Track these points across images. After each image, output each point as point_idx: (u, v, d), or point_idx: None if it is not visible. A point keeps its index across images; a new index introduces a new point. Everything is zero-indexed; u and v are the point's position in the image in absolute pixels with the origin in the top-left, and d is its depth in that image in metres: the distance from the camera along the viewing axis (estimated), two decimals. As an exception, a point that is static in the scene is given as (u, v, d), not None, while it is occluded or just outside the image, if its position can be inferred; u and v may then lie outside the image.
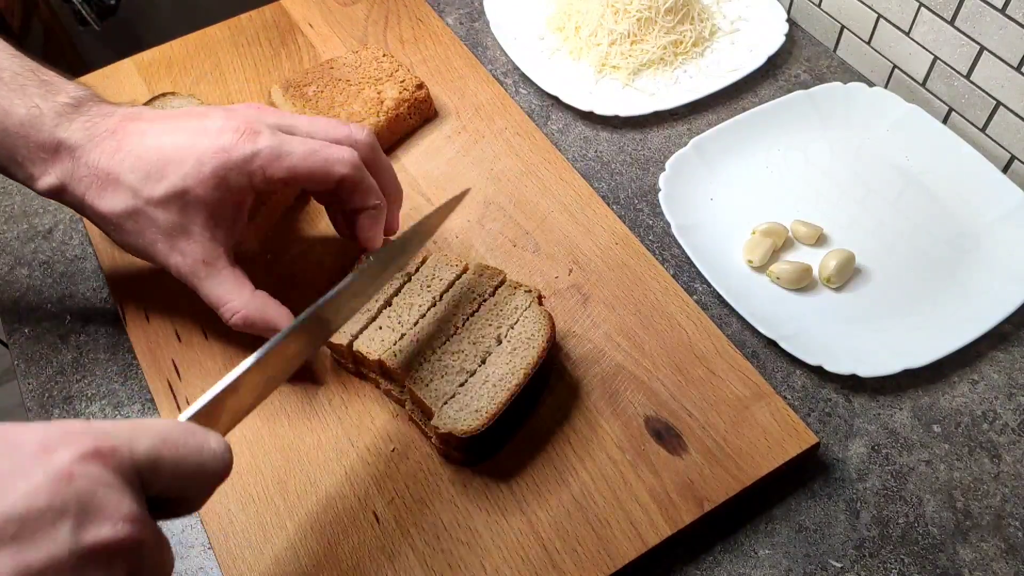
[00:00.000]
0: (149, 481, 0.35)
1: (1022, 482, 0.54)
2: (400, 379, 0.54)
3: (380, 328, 0.56)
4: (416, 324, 0.56)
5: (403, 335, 0.55)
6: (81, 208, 0.52)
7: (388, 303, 0.57)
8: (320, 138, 0.54)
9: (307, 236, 0.65)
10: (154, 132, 0.52)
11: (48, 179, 0.51)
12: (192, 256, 0.52)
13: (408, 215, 0.66)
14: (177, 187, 0.50)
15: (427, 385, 0.53)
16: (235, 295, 0.53)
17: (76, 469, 0.32)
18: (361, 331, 0.56)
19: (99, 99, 0.53)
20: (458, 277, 0.58)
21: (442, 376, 0.53)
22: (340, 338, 0.55)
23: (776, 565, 0.52)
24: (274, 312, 0.53)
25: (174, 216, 0.51)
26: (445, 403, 0.52)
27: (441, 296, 0.57)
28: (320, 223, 0.66)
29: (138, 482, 0.35)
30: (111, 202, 0.51)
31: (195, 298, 0.62)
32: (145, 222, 0.51)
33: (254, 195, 0.54)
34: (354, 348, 0.55)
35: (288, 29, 0.81)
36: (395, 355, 0.54)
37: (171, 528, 0.54)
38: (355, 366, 0.57)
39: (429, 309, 0.56)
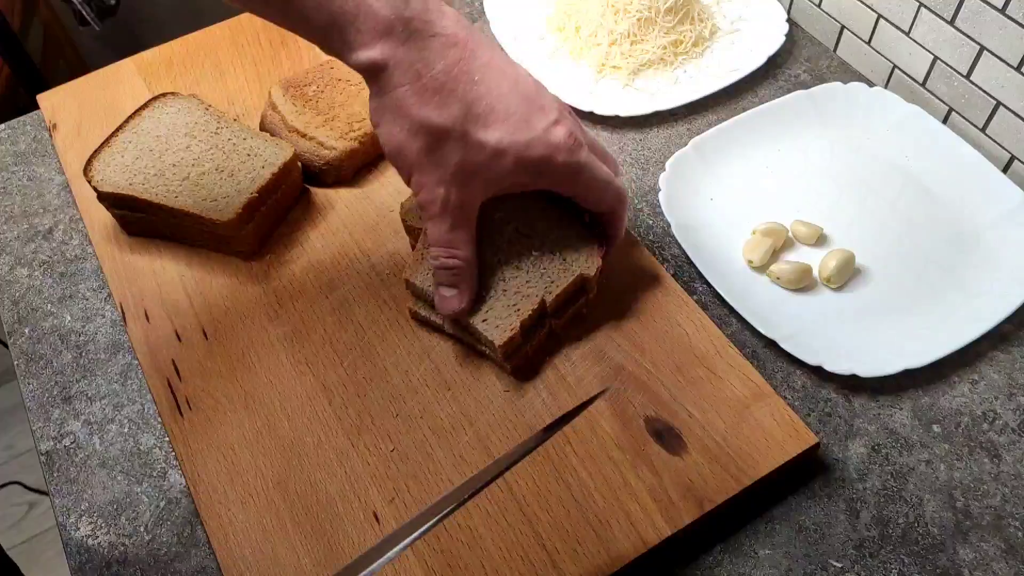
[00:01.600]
0: None
1: (1022, 482, 0.54)
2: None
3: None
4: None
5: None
6: (387, 92, 0.50)
7: None
8: (603, 162, 0.56)
9: (307, 236, 0.65)
10: (495, 75, 0.51)
11: (371, 52, 0.49)
12: (457, 199, 0.52)
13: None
14: (501, 145, 0.51)
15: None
16: (465, 246, 0.54)
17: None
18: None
19: None
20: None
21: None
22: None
23: (776, 565, 0.52)
24: (473, 282, 0.56)
25: (475, 162, 0.51)
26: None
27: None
28: (320, 223, 0.66)
29: None
30: (430, 111, 0.50)
31: (195, 298, 0.62)
32: (445, 147, 0.51)
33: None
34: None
35: (288, 29, 0.81)
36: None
37: (171, 529, 0.54)
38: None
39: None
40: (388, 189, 0.68)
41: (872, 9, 0.74)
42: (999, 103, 0.68)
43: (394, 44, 0.49)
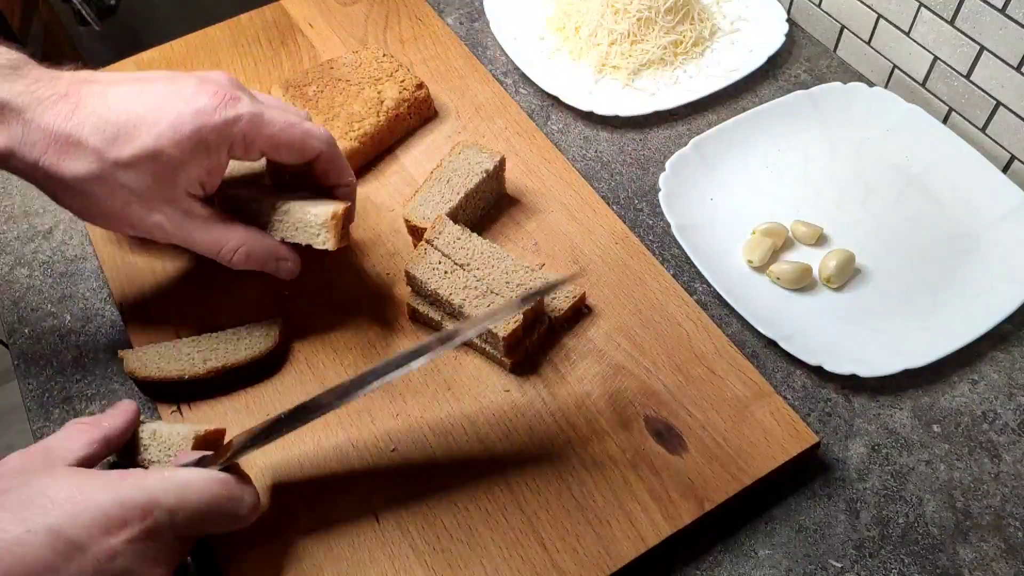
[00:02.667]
0: (187, 533, 0.43)
1: (1022, 482, 0.54)
2: None
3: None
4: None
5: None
6: (33, 173, 0.50)
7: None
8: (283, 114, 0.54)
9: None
10: (117, 93, 0.50)
11: None
12: (173, 214, 0.51)
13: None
14: (149, 148, 0.49)
15: None
16: (230, 235, 0.53)
17: (123, 549, 0.40)
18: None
19: (36, 63, 0.51)
20: None
21: None
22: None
23: (776, 565, 0.52)
24: (270, 246, 0.54)
25: (146, 177, 0.50)
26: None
27: None
28: (320, 223, 0.66)
29: (176, 543, 0.42)
30: (73, 166, 0.49)
31: (195, 298, 0.62)
32: (114, 185, 0.50)
33: (227, 159, 0.53)
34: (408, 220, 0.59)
35: (288, 29, 0.81)
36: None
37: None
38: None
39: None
40: (388, 189, 0.68)
41: (872, 9, 0.74)
42: (999, 103, 0.68)
43: (7, 128, 0.49)
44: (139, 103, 0.50)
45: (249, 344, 0.57)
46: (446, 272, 0.57)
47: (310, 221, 0.54)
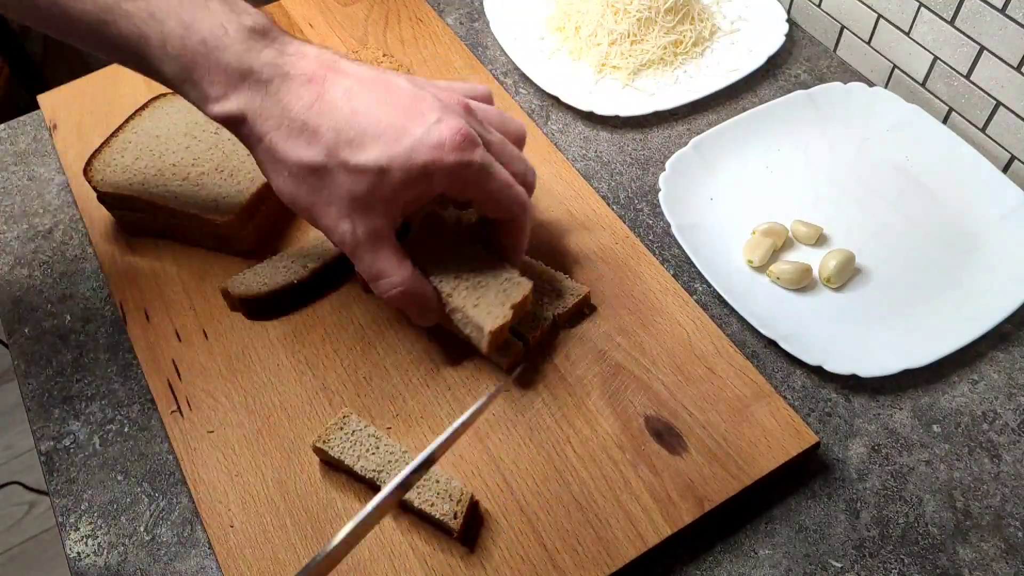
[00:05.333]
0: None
1: (1022, 482, 0.54)
2: None
3: None
4: None
5: None
6: (256, 143, 0.50)
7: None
8: (507, 166, 0.53)
9: (307, 236, 0.65)
10: (361, 96, 0.50)
11: (228, 104, 0.49)
12: (363, 228, 0.51)
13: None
14: (379, 163, 0.49)
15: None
16: (396, 270, 0.52)
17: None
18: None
19: (282, 30, 0.51)
20: None
21: None
22: None
23: (776, 565, 0.52)
24: (428, 289, 0.54)
25: (363, 188, 0.49)
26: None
27: None
28: (320, 223, 0.66)
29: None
30: (300, 151, 0.49)
31: (195, 298, 0.62)
32: (328, 182, 0.49)
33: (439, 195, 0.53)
34: None
35: (288, 29, 0.80)
36: None
37: (171, 529, 0.54)
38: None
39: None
40: (388, 189, 0.68)
41: (872, 9, 0.74)
42: (999, 103, 0.68)
43: (248, 95, 0.49)
44: (382, 116, 0.49)
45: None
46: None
47: (471, 318, 0.54)
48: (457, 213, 0.60)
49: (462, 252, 0.57)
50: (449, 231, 0.58)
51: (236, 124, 0.50)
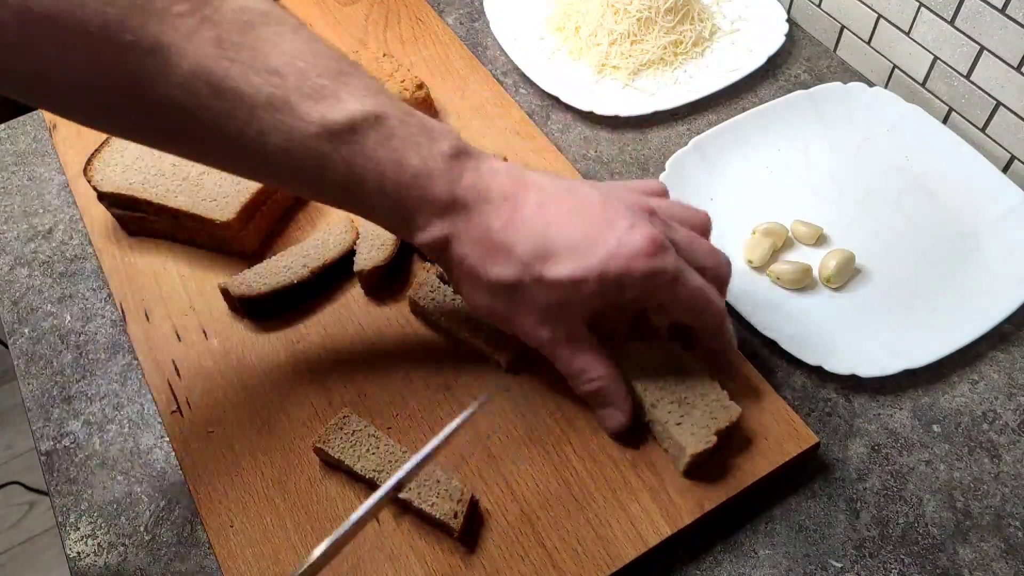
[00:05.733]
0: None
1: (1022, 482, 0.54)
2: None
3: None
4: None
5: None
6: (456, 264, 0.51)
7: None
8: (696, 264, 0.53)
9: (307, 236, 0.65)
10: (552, 209, 0.50)
11: (434, 231, 0.49)
12: (559, 332, 0.51)
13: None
14: (574, 276, 0.49)
15: None
16: (596, 367, 0.53)
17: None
18: None
19: (467, 145, 0.51)
20: None
21: None
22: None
23: (776, 565, 0.52)
24: (623, 391, 0.54)
25: (556, 298, 0.50)
26: None
27: None
28: (320, 223, 0.66)
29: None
30: (497, 270, 0.49)
31: (195, 298, 0.62)
32: (524, 295, 0.50)
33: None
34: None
35: (288, 29, 0.81)
36: None
37: (171, 529, 0.54)
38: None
39: None
40: (388, 189, 0.68)
41: (872, 9, 0.74)
42: (999, 103, 0.68)
43: (452, 220, 0.49)
44: (576, 228, 0.50)
45: (337, 241, 0.62)
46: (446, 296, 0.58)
47: (673, 435, 0.52)
48: (667, 319, 0.58)
49: (671, 363, 0.55)
50: (660, 338, 0.56)
51: (439, 247, 0.50)
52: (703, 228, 0.56)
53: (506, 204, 0.50)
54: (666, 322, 0.57)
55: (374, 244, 0.61)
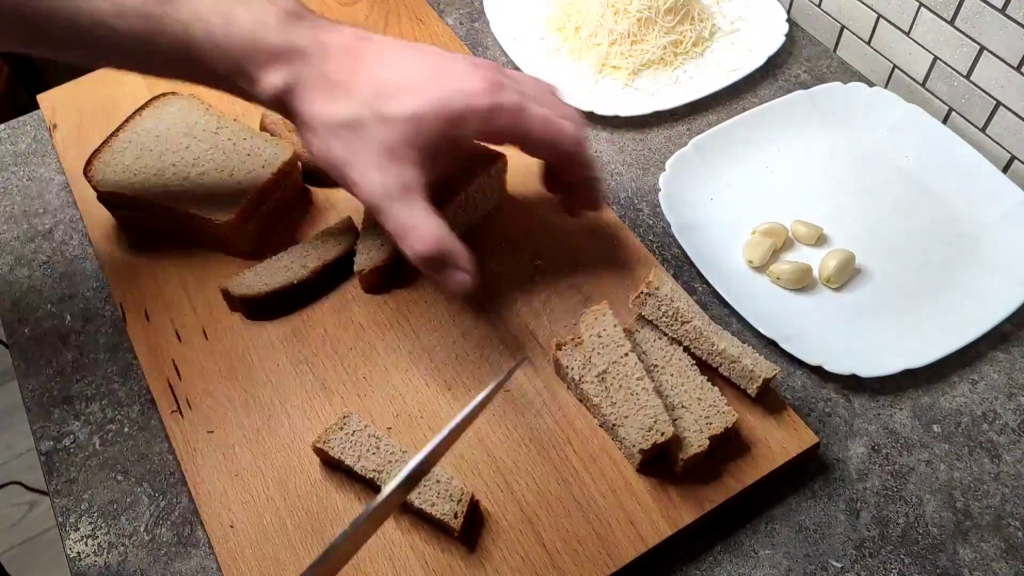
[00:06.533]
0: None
1: (1022, 482, 0.54)
2: None
3: None
4: None
5: None
6: (297, 111, 0.52)
7: None
8: (547, 107, 0.54)
9: (307, 236, 0.65)
10: (395, 57, 0.52)
11: (274, 80, 0.51)
12: (393, 178, 0.51)
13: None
14: (416, 111, 0.50)
15: None
16: (429, 224, 0.51)
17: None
18: None
19: (311, 11, 0.54)
20: None
21: None
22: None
23: (776, 565, 0.52)
24: (460, 248, 0.52)
25: (396, 136, 0.51)
26: None
27: None
28: (320, 223, 0.66)
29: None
30: (337, 107, 0.51)
31: (195, 298, 0.62)
32: (361, 134, 0.51)
33: (469, 145, 0.55)
34: None
35: (288, 29, 0.81)
36: None
37: (171, 529, 0.54)
38: None
39: None
40: (388, 189, 0.68)
41: (872, 9, 0.74)
42: (999, 103, 0.68)
43: (291, 68, 0.51)
44: (416, 70, 0.52)
45: (336, 242, 0.62)
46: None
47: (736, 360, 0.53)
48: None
49: (670, 365, 0.55)
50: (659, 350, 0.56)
51: (284, 99, 0.52)
52: (552, 92, 0.57)
53: (347, 56, 0.52)
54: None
55: (374, 244, 0.61)
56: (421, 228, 0.51)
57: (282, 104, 0.52)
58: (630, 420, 0.51)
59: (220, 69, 0.52)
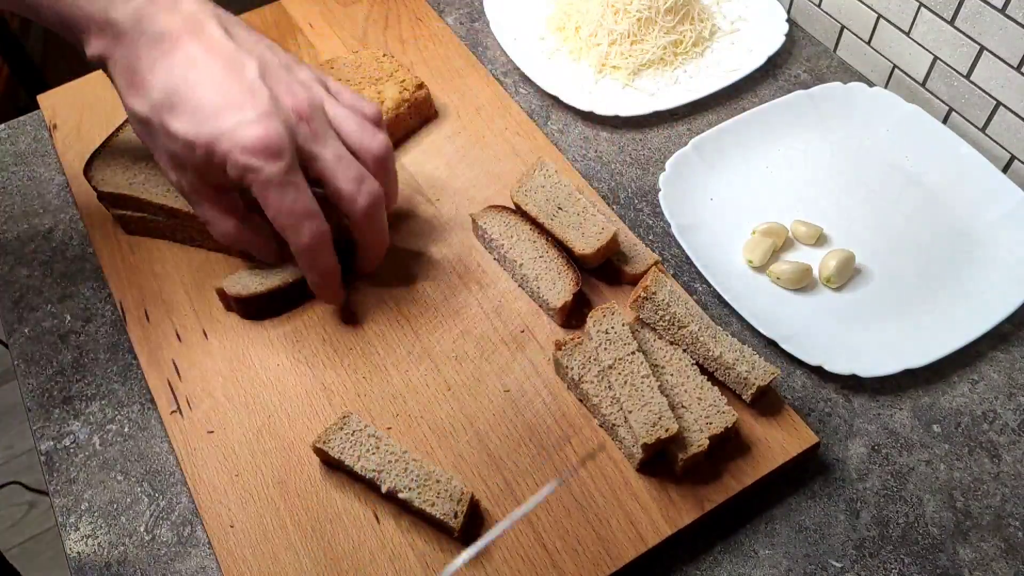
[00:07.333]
0: None
1: (1022, 482, 0.54)
2: None
3: None
4: None
5: None
6: (115, 85, 0.54)
7: None
8: (347, 141, 0.55)
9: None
10: (200, 68, 0.52)
11: (92, 50, 0.53)
12: (186, 182, 0.54)
13: (409, 215, 0.66)
14: (187, 137, 0.51)
15: None
16: (220, 223, 0.56)
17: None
18: None
19: None
20: None
21: None
22: None
23: (776, 565, 0.52)
24: (254, 239, 0.58)
25: (176, 149, 0.52)
26: None
27: None
28: (320, 223, 0.66)
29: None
30: (132, 101, 0.53)
31: (195, 298, 0.62)
32: (153, 135, 0.53)
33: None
34: None
35: (288, 29, 0.81)
36: None
37: (171, 529, 0.54)
38: None
39: None
40: (388, 189, 0.68)
41: (872, 9, 0.74)
42: (999, 103, 0.68)
43: (106, 43, 0.53)
44: (211, 90, 0.51)
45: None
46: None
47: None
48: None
49: (670, 365, 0.55)
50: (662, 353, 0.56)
51: (103, 67, 0.54)
52: (374, 118, 0.57)
53: (161, 44, 0.52)
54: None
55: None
56: (216, 226, 0.57)
57: (104, 71, 0.54)
58: (635, 415, 0.51)
59: (56, 27, 0.54)
